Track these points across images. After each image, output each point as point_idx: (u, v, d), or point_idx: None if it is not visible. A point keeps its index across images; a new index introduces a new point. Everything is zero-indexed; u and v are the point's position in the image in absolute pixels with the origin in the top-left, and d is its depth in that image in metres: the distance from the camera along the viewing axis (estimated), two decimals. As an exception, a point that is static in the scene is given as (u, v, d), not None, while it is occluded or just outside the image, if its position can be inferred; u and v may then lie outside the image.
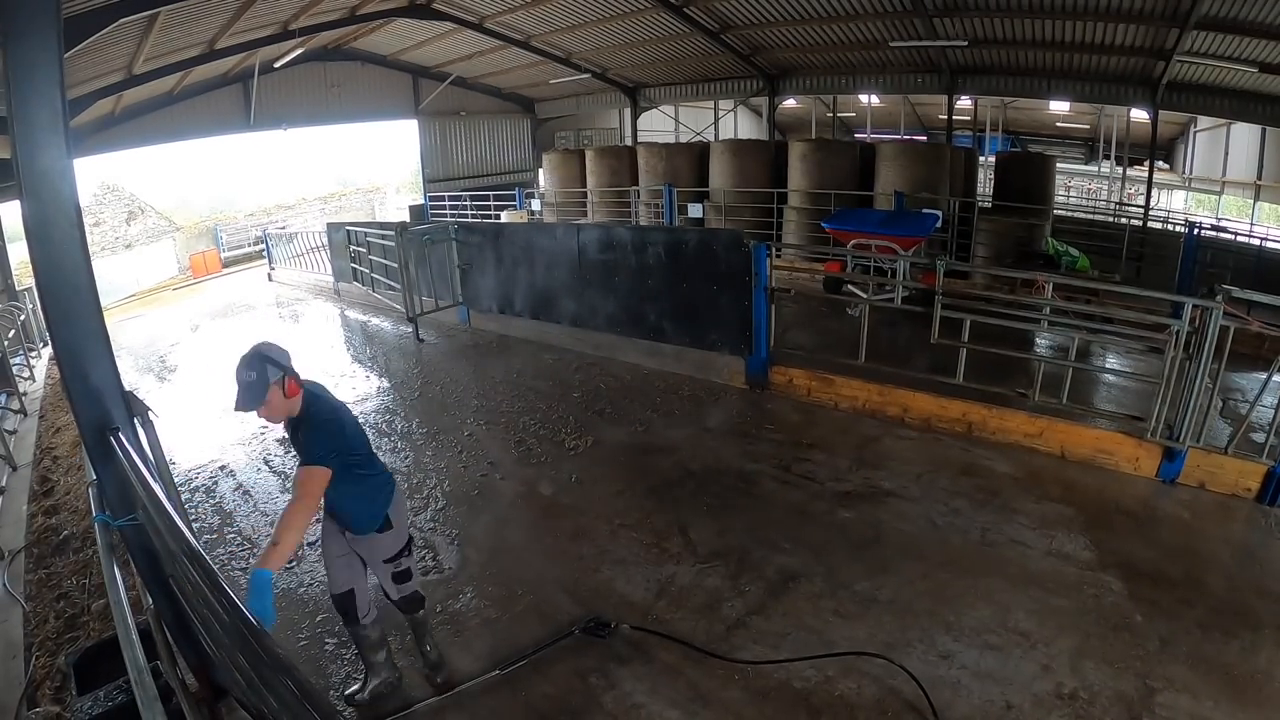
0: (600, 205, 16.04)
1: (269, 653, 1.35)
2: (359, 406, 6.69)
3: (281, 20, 12.76)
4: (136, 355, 10.15)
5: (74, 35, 7.60)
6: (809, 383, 5.99)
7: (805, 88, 15.67)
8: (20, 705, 3.02)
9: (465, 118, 20.67)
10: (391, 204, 28.03)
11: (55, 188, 2.19)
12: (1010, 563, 3.66)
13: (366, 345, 9.20)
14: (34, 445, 6.56)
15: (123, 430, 2.42)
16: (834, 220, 9.04)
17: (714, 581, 3.63)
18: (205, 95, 15.78)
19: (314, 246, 13.72)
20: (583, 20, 14.06)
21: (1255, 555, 3.75)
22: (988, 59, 12.31)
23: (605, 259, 7.16)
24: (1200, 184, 19.17)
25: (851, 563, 3.70)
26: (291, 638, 3.39)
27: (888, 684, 2.87)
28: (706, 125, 20.76)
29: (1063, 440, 4.79)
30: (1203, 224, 11.71)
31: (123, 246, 20.59)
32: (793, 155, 13.07)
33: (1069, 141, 23.28)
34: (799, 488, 4.54)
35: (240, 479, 5.35)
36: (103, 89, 11.65)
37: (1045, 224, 11.47)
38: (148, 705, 1.63)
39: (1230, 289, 4.16)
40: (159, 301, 16.85)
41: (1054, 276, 6.80)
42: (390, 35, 16.45)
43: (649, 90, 18.11)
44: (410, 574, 2.86)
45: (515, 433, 5.71)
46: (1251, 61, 9.47)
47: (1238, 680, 2.84)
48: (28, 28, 2.05)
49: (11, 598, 3.88)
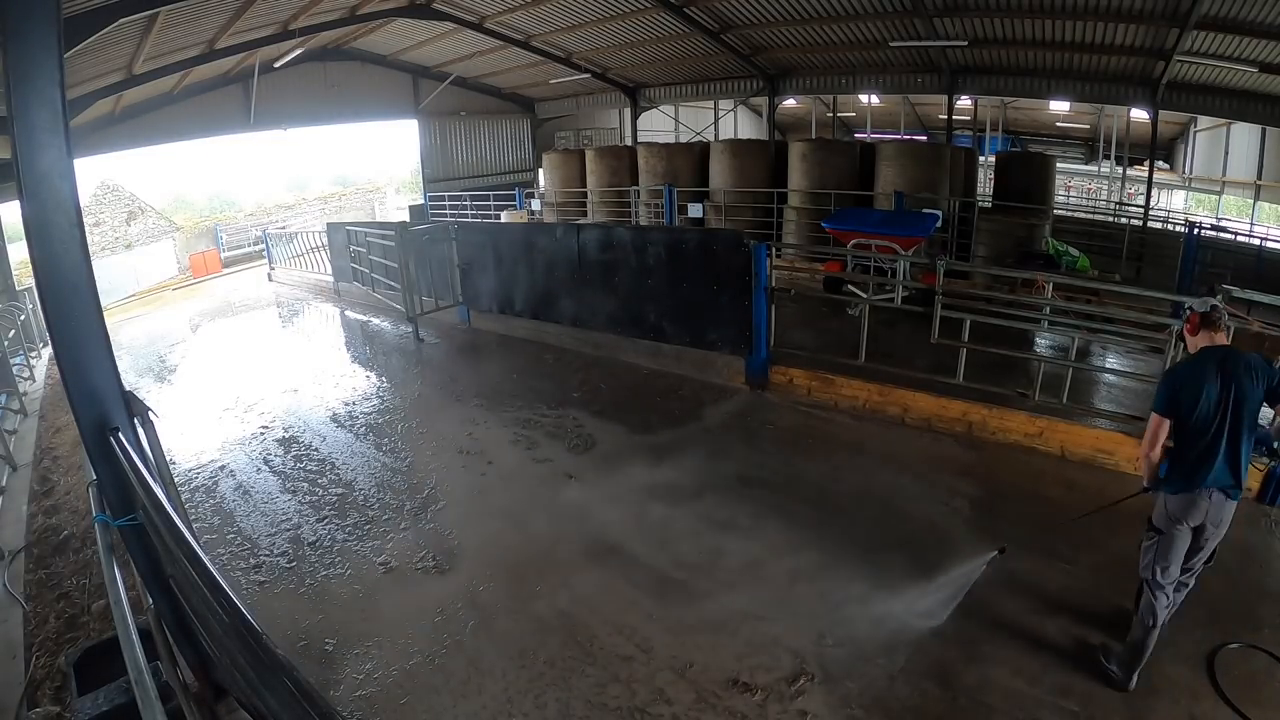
0: (600, 205, 16.03)
1: (269, 653, 1.35)
2: (359, 406, 6.69)
3: (281, 20, 12.74)
4: (136, 355, 10.15)
5: (74, 35, 7.59)
6: (809, 383, 5.99)
7: (805, 88, 15.65)
8: (20, 705, 3.02)
9: (465, 118, 20.65)
10: (391, 204, 28.03)
11: (55, 188, 2.19)
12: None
13: (366, 345, 9.20)
14: (34, 445, 6.56)
15: (123, 430, 2.42)
16: (834, 220, 9.03)
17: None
18: (205, 95, 15.75)
19: (314, 246, 13.71)
20: (583, 20, 14.05)
21: (1255, 555, 3.75)
22: (988, 59, 12.30)
23: (605, 259, 7.16)
24: (1200, 184, 19.15)
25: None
26: (292, 638, 3.39)
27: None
28: (706, 125, 20.75)
29: (1063, 440, 4.79)
30: (1203, 224, 11.70)
31: (123, 246, 20.57)
32: (793, 155, 13.06)
33: (1069, 141, 23.26)
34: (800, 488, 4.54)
35: (240, 479, 5.35)
36: (103, 89, 11.63)
37: (1045, 224, 11.46)
38: (148, 705, 1.62)
39: (1231, 289, 4.18)
40: (159, 301, 16.85)
41: (1054, 276, 6.81)
42: (390, 35, 16.43)
43: (649, 90, 18.09)
44: None
45: (516, 432, 5.71)
46: (1251, 61, 9.46)
47: (1238, 680, 2.84)
48: (28, 28, 2.05)
49: (11, 598, 3.88)
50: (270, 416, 6.64)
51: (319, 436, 6.04)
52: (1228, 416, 2.61)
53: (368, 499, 4.83)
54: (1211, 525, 2.71)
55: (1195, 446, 2.65)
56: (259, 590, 3.85)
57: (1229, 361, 2.63)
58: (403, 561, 4.03)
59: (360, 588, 3.81)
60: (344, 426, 6.22)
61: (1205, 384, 2.62)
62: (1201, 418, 2.63)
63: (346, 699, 3.00)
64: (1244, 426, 2.62)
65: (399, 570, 3.96)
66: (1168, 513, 2.76)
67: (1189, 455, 2.67)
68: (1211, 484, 2.65)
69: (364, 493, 4.93)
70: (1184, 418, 2.66)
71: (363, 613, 3.59)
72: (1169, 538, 2.77)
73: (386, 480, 5.10)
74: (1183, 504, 2.70)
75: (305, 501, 4.87)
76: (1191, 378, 2.66)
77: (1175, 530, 2.75)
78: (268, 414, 6.71)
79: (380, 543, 4.25)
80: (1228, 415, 2.61)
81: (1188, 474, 2.68)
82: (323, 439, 5.98)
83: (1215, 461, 2.63)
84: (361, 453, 5.64)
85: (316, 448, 5.80)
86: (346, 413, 6.54)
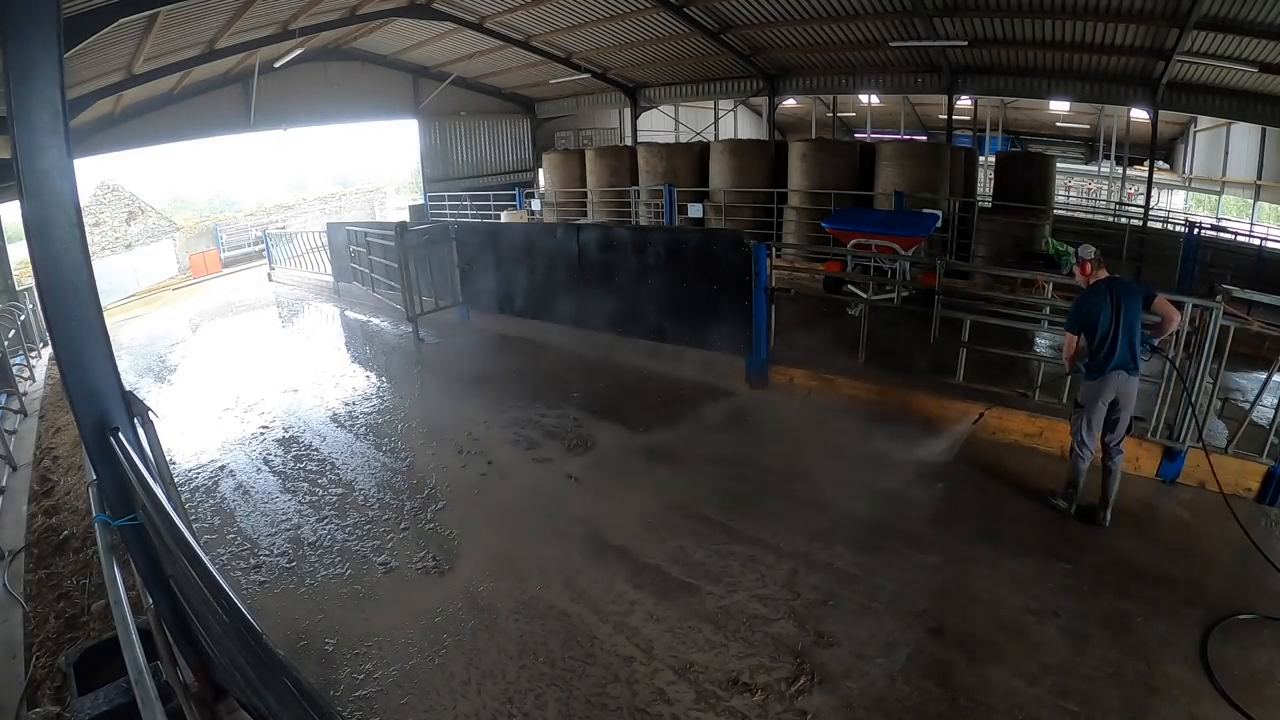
0: (600, 205, 16.03)
1: (269, 653, 1.35)
2: (359, 406, 6.70)
3: (281, 20, 12.74)
4: (136, 355, 10.15)
5: (74, 35, 7.59)
6: (809, 383, 5.99)
7: (805, 88, 15.65)
8: (20, 705, 3.02)
9: (465, 118, 20.65)
10: (391, 204, 28.04)
11: (55, 188, 2.19)
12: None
13: (366, 345, 9.20)
14: (34, 445, 6.55)
15: (123, 430, 2.42)
16: (834, 220, 9.03)
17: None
18: (205, 95, 15.75)
19: (314, 246, 13.71)
20: (583, 20, 14.05)
21: (1255, 555, 3.75)
22: (988, 59, 12.29)
23: (605, 259, 7.16)
24: (1200, 184, 19.15)
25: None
26: (292, 638, 3.39)
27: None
28: (706, 125, 20.75)
29: (1063, 440, 4.77)
30: (1203, 224, 11.70)
31: (123, 246, 20.57)
32: (793, 155, 13.06)
33: (1069, 141, 23.26)
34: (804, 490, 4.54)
35: (240, 479, 5.35)
36: (103, 89, 11.63)
37: (1045, 224, 11.46)
38: (148, 705, 1.62)
39: (1230, 289, 4.17)
40: (159, 301, 16.85)
41: (1054, 276, 6.80)
42: (390, 35, 16.43)
43: (649, 90, 18.09)
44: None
45: (516, 432, 5.71)
46: (1251, 61, 9.46)
47: (1238, 680, 2.85)
48: (27, 28, 2.05)
49: (11, 598, 3.88)
50: (270, 416, 6.64)
51: (319, 436, 6.04)
52: (1120, 321, 3.74)
53: (368, 499, 4.83)
54: (1122, 397, 3.84)
55: (1102, 347, 3.79)
56: (259, 590, 3.85)
57: (1114, 286, 3.81)
58: (403, 561, 4.03)
59: (360, 588, 3.81)
60: (344, 426, 6.22)
61: (1102, 305, 3.78)
62: (1103, 327, 3.77)
63: (346, 699, 3.00)
64: (1132, 326, 3.76)
65: (399, 570, 3.96)
66: (1088, 392, 3.92)
67: (1099, 353, 3.81)
68: (1116, 366, 3.77)
69: (364, 493, 4.93)
70: (1091, 329, 3.82)
71: (363, 613, 3.59)
72: (1090, 409, 3.93)
73: (386, 480, 5.10)
74: (1098, 386, 3.87)
75: (305, 501, 4.87)
76: (1092, 303, 3.82)
77: (1095, 405, 3.90)
78: (268, 414, 6.71)
79: (380, 543, 4.25)
80: (1119, 320, 3.74)
81: (1099, 365, 3.83)
82: (323, 439, 5.98)
83: (1116, 353, 3.76)
84: (361, 453, 5.64)
85: (316, 448, 5.80)
86: (346, 413, 6.54)
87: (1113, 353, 3.77)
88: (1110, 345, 3.77)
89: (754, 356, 6.18)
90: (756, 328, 6.07)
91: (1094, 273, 3.94)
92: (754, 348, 6.15)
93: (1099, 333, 3.79)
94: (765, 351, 6.15)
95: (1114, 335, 3.75)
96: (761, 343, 6.12)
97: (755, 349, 6.15)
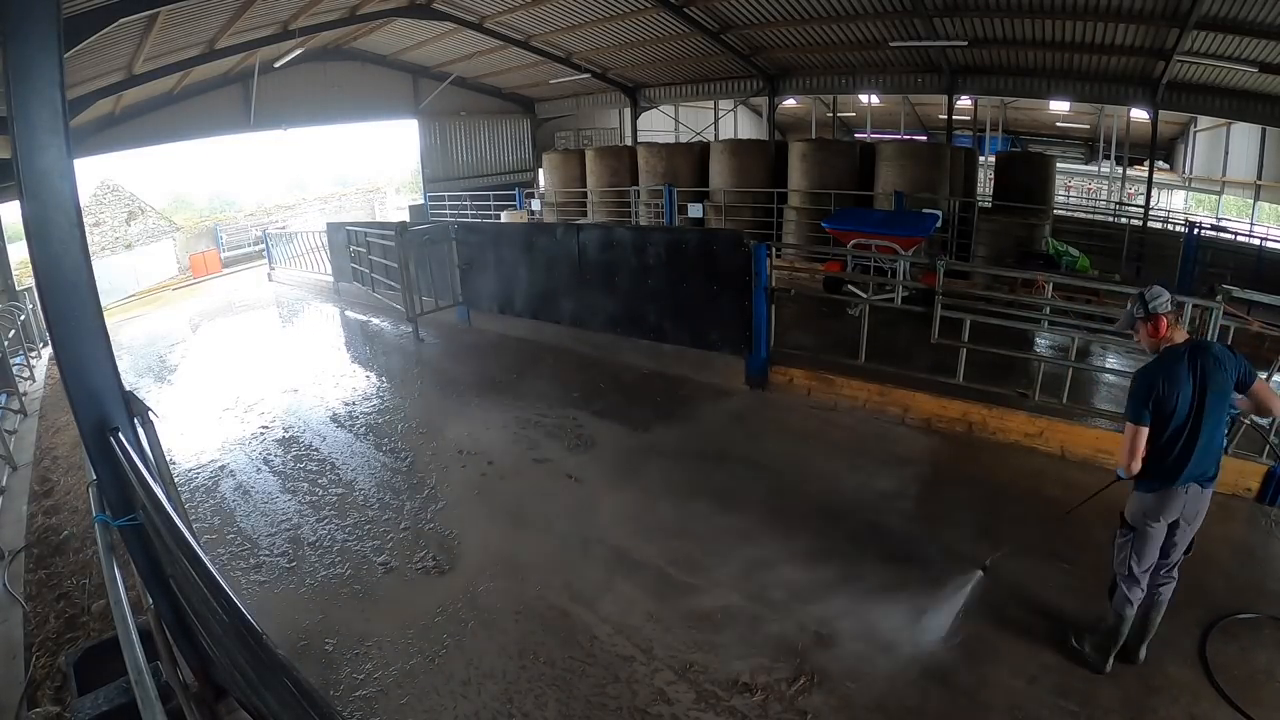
0: (600, 205, 16.02)
1: (269, 653, 1.35)
2: (359, 406, 6.70)
3: (281, 20, 12.74)
4: (136, 355, 10.15)
5: (74, 35, 7.58)
6: (809, 383, 5.99)
7: (805, 88, 15.65)
8: (20, 705, 3.02)
9: (465, 118, 20.64)
10: (391, 204, 28.02)
11: (55, 188, 2.19)
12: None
13: (366, 345, 9.20)
14: (34, 445, 6.56)
15: (123, 430, 2.42)
16: (834, 220, 9.03)
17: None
18: (205, 95, 15.75)
19: (314, 246, 13.71)
20: (583, 20, 14.05)
21: (1255, 555, 3.75)
22: (988, 59, 12.29)
23: (605, 259, 7.15)
24: (1200, 184, 19.15)
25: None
26: (292, 638, 3.39)
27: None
28: (706, 125, 20.74)
29: (1063, 440, 4.79)
30: (1203, 224, 11.70)
31: (123, 246, 20.57)
32: (793, 155, 13.06)
33: (1069, 141, 23.25)
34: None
35: (240, 479, 5.35)
36: (103, 89, 11.63)
37: (1045, 224, 11.46)
38: (148, 705, 1.62)
39: (1230, 289, 4.18)
40: (159, 301, 16.85)
41: (1054, 276, 6.81)
42: (390, 35, 16.43)
43: (649, 90, 18.09)
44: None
45: (516, 432, 5.71)
46: (1251, 61, 9.46)
47: (1237, 680, 2.84)
48: (27, 28, 2.05)
49: (11, 598, 3.88)
50: (270, 416, 6.64)
51: (319, 436, 6.04)
52: (1203, 412, 2.55)
53: (368, 499, 4.83)
54: (1185, 521, 2.70)
55: (1173, 447, 2.59)
56: (259, 590, 3.85)
57: (1198, 356, 2.56)
58: (403, 561, 4.03)
59: (360, 588, 3.81)
60: (344, 426, 6.22)
61: (1181, 383, 2.54)
62: (1179, 417, 2.56)
63: (346, 699, 3.00)
64: (1218, 418, 2.58)
65: (399, 570, 3.96)
66: (1143, 510, 2.71)
67: (1167, 455, 2.61)
68: (1188, 479, 2.61)
69: (364, 493, 4.93)
70: (1162, 418, 2.58)
71: (363, 613, 3.59)
72: (1143, 534, 2.73)
73: (386, 480, 5.11)
74: (1158, 501, 2.67)
75: (305, 501, 4.87)
76: (1168, 377, 2.56)
77: (1150, 527, 2.70)
78: (268, 414, 6.71)
79: (380, 543, 4.25)
80: (1203, 411, 2.55)
81: (1166, 473, 2.62)
82: (323, 439, 5.98)
83: (1192, 458, 2.58)
84: (361, 453, 5.64)
85: (316, 448, 5.80)
86: (346, 413, 6.54)
87: (1187, 456, 2.57)
88: (1186, 444, 2.58)
89: (754, 356, 6.18)
90: (756, 328, 6.07)
91: (1170, 332, 2.66)
92: (754, 347, 6.15)
93: (1172, 425, 2.58)
94: (765, 351, 6.15)
95: (1192, 429, 2.56)
96: (761, 342, 6.12)
97: (755, 349, 6.15)
